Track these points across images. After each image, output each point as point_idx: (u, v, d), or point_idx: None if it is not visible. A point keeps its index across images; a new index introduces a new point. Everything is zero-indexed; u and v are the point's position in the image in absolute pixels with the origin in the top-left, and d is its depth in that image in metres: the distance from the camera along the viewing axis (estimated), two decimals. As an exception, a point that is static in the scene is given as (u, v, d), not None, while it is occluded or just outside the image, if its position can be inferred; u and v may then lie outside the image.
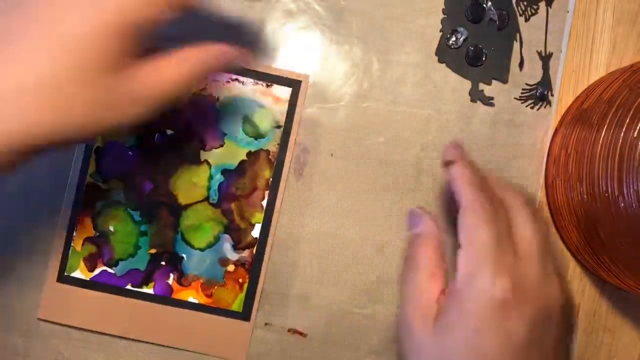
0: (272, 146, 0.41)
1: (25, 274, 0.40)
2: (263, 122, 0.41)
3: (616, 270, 0.38)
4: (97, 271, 0.40)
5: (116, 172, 0.40)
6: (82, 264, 0.40)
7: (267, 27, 0.42)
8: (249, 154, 0.41)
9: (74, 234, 0.40)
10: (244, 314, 0.40)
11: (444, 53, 0.42)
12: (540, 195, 0.42)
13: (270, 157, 0.41)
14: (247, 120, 0.41)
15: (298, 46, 0.42)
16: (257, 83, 0.41)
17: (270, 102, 0.41)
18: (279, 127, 0.41)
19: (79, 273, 0.40)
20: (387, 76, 0.42)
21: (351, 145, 0.42)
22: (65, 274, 0.40)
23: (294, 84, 0.41)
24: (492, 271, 0.28)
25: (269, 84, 0.41)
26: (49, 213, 0.40)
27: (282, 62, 0.42)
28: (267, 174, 0.41)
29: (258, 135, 0.41)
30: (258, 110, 0.41)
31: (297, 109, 0.41)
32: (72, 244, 0.40)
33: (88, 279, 0.40)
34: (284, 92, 0.41)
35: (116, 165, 0.40)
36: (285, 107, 0.41)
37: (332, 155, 0.42)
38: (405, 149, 0.42)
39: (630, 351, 0.42)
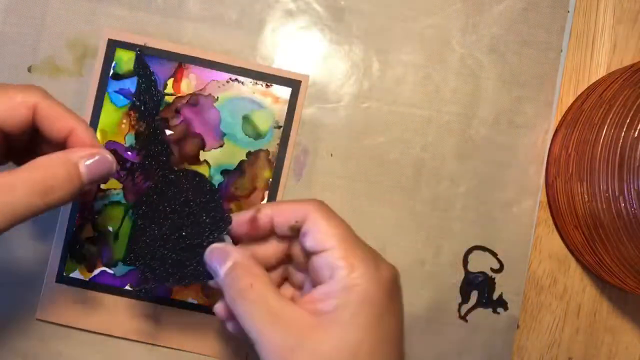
0: (272, 146, 0.41)
1: (24, 275, 0.40)
2: (263, 123, 0.41)
3: (616, 270, 0.38)
4: (96, 271, 0.40)
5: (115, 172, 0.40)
6: (81, 264, 0.40)
7: (267, 26, 0.42)
8: (248, 154, 0.41)
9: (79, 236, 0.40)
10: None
11: None
12: (541, 195, 0.42)
13: (270, 157, 0.41)
14: (246, 120, 0.41)
15: (298, 46, 0.42)
16: (256, 83, 0.41)
17: (270, 102, 0.41)
18: (278, 127, 0.41)
19: (78, 273, 0.40)
20: (387, 76, 0.42)
21: (351, 145, 0.42)
22: (65, 274, 0.40)
23: (294, 84, 0.41)
24: (375, 258, 0.29)
25: (269, 84, 0.41)
26: (48, 213, 0.40)
27: (282, 62, 0.42)
28: (266, 174, 0.41)
29: (257, 136, 0.41)
30: (258, 111, 0.41)
31: (297, 109, 0.41)
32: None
33: (87, 280, 0.40)
34: (284, 92, 0.41)
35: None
36: (285, 107, 0.41)
37: (331, 155, 0.42)
38: (405, 149, 0.42)
39: (631, 351, 0.42)
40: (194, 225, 0.34)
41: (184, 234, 0.33)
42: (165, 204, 0.34)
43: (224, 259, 0.30)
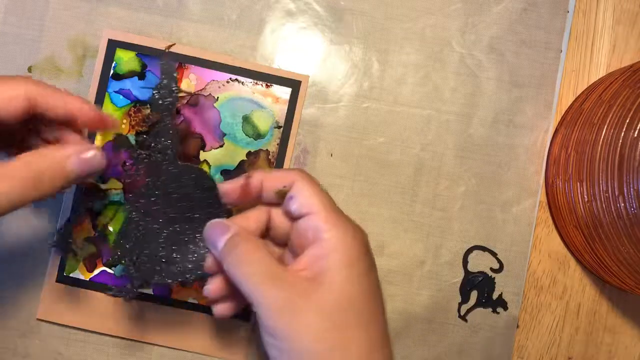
0: (272, 146, 0.41)
1: (24, 275, 0.40)
2: (263, 123, 0.41)
3: (616, 270, 0.38)
4: (96, 271, 0.40)
5: (115, 172, 0.40)
6: (81, 264, 0.40)
7: (267, 27, 0.42)
8: (248, 154, 0.41)
9: (73, 234, 0.40)
10: (244, 314, 0.40)
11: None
12: (541, 195, 0.42)
13: (270, 157, 0.41)
14: (246, 120, 0.41)
15: (298, 46, 0.42)
16: (256, 83, 0.41)
17: (270, 102, 0.41)
18: (278, 127, 0.41)
19: (78, 273, 0.40)
20: (387, 76, 0.42)
21: (351, 145, 0.42)
22: (65, 274, 0.40)
23: (294, 84, 0.41)
24: (350, 222, 0.32)
25: (269, 84, 0.41)
26: (49, 213, 0.40)
27: (282, 62, 0.42)
28: (267, 174, 0.41)
29: (258, 136, 0.41)
30: (258, 111, 0.41)
31: (297, 109, 0.41)
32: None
33: (87, 280, 0.40)
34: (284, 92, 0.41)
35: (115, 165, 0.40)
36: (285, 107, 0.41)
37: (331, 155, 0.42)
38: (405, 149, 0.42)
39: (631, 351, 0.42)
40: (188, 220, 0.34)
41: (177, 229, 0.34)
42: (164, 198, 0.34)
43: (224, 231, 0.32)
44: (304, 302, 0.29)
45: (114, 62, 0.41)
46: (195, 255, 0.35)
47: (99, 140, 0.41)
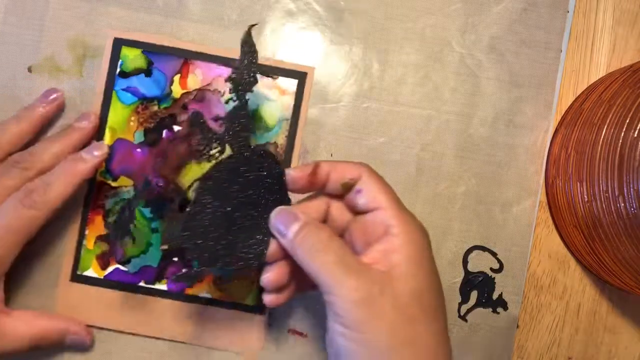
0: (280, 139, 0.41)
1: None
2: (270, 115, 0.41)
3: (616, 270, 0.38)
4: (109, 269, 0.40)
5: (125, 169, 0.40)
6: (94, 262, 0.40)
7: (267, 27, 0.42)
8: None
9: (86, 233, 0.40)
10: (258, 307, 0.40)
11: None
12: (541, 195, 0.42)
13: (278, 149, 0.41)
14: (254, 113, 0.41)
15: (298, 46, 0.42)
16: (263, 76, 0.41)
17: (277, 94, 0.41)
18: (286, 119, 0.41)
19: (92, 272, 0.40)
20: (387, 76, 0.42)
21: (351, 145, 0.42)
22: (78, 272, 0.40)
23: (300, 76, 0.41)
24: (414, 217, 0.32)
25: (275, 76, 0.41)
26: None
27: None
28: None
29: (266, 129, 0.41)
30: (265, 104, 0.41)
31: (304, 100, 0.41)
32: (84, 243, 0.40)
33: (101, 277, 0.40)
34: (290, 84, 0.41)
35: (125, 162, 0.40)
36: (291, 99, 0.41)
37: (332, 155, 0.42)
38: (405, 149, 0.42)
39: (631, 351, 0.42)
40: (254, 205, 0.33)
41: (243, 214, 0.33)
42: (234, 181, 0.33)
43: (294, 219, 0.32)
44: (381, 293, 0.30)
45: (120, 60, 0.41)
46: (258, 242, 0.33)
47: (107, 138, 0.41)
